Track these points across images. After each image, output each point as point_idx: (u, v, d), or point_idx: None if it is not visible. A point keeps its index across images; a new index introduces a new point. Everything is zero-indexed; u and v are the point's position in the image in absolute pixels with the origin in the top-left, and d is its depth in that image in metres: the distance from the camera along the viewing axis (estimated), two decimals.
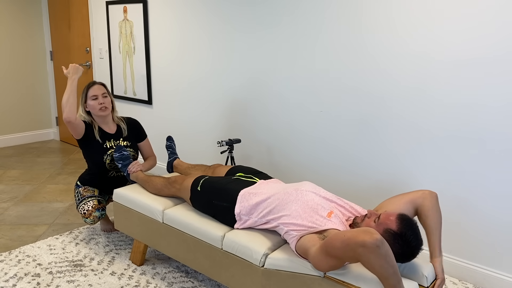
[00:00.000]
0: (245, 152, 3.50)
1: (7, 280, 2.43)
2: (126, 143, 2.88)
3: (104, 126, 2.84)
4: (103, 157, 2.78)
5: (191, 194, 2.32)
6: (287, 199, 1.98)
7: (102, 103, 2.75)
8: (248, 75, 3.34)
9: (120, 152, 2.78)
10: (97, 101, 2.75)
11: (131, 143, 2.91)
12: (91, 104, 2.75)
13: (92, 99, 2.75)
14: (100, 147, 2.78)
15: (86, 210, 2.73)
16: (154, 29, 3.99)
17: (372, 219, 1.79)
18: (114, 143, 2.82)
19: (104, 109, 2.77)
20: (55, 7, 5.13)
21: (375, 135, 2.74)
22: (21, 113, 5.33)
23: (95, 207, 2.73)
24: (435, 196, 1.94)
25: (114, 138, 2.85)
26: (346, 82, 2.80)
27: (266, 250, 1.95)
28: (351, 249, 1.53)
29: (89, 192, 2.81)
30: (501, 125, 2.28)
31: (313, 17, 2.88)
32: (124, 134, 2.89)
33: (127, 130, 2.92)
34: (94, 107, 2.75)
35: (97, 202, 2.76)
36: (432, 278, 1.78)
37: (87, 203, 2.75)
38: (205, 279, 2.50)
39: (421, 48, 2.47)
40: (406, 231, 1.69)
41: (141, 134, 3.01)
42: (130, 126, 2.96)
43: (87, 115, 2.82)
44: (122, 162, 2.76)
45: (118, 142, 2.85)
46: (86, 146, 2.79)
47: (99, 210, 2.74)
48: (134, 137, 2.96)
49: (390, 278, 1.53)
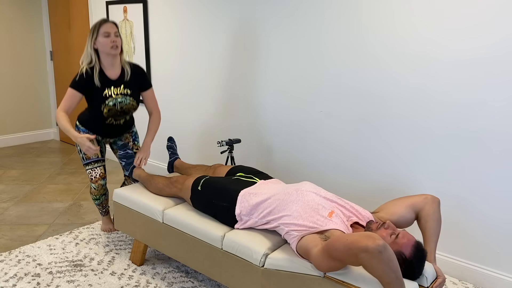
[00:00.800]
0: (245, 152, 3.50)
1: (7, 280, 2.43)
2: (126, 90, 2.73)
3: (108, 68, 2.69)
4: (101, 106, 2.66)
5: (192, 194, 2.33)
6: (288, 199, 1.98)
7: (114, 41, 2.61)
8: (248, 75, 3.34)
9: (124, 150, 2.76)
10: (109, 39, 2.60)
11: (132, 91, 2.75)
12: (102, 41, 2.60)
13: (104, 36, 2.59)
14: (99, 94, 2.65)
15: (93, 177, 2.82)
16: (154, 29, 3.99)
17: (388, 233, 1.75)
18: (114, 91, 2.68)
19: (115, 48, 2.62)
20: (55, 7, 5.13)
21: (375, 134, 2.74)
22: (21, 113, 5.33)
23: (102, 175, 2.82)
24: (437, 201, 1.94)
25: (114, 85, 2.69)
26: (347, 81, 2.80)
27: (266, 250, 1.95)
28: (353, 253, 1.52)
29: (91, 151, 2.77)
30: (501, 124, 2.28)
31: (314, 18, 2.88)
32: (126, 78, 2.74)
33: (130, 75, 2.75)
34: (106, 45, 2.60)
35: (103, 170, 2.83)
36: (432, 278, 1.78)
37: (95, 169, 2.81)
38: (205, 279, 2.50)
39: (422, 47, 2.47)
40: (415, 262, 1.69)
41: (145, 82, 2.84)
42: (135, 73, 2.80)
43: (94, 53, 2.65)
44: (126, 161, 2.76)
45: (118, 89, 2.69)
46: (86, 94, 2.70)
47: (103, 179, 2.84)
48: (137, 85, 2.80)
49: (392, 283, 1.53)
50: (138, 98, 2.81)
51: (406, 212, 1.94)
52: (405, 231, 1.76)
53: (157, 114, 2.91)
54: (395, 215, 1.96)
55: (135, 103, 2.78)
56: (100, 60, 2.68)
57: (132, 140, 2.99)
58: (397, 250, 1.69)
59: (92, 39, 2.64)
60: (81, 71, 2.64)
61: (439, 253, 2.62)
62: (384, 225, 1.78)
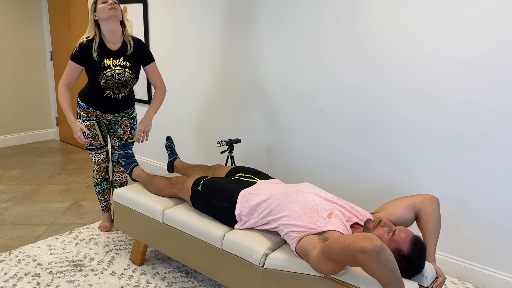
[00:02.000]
0: (245, 152, 3.50)
1: (7, 280, 2.43)
2: (125, 62, 2.71)
3: (109, 40, 2.68)
4: (99, 76, 2.65)
5: (192, 194, 2.33)
6: (287, 200, 1.98)
7: (112, 3, 2.59)
8: (248, 75, 3.34)
9: (124, 150, 2.76)
10: (107, 4, 2.59)
11: (131, 64, 2.73)
12: (100, 7, 2.60)
13: (102, 2, 2.60)
14: (98, 65, 2.65)
15: (97, 160, 2.89)
16: (154, 29, 3.99)
17: (385, 230, 1.75)
18: (113, 62, 2.66)
19: (114, 10, 2.59)
20: (55, 7, 5.13)
21: (375, 134, 2.74)
22: (21, 113, 5.33)
23: (104, 159, 2.90)
24: (436, 201, 1.94)
25: (114, 56, 2.68)
26: (346, 81, 2.81)
27: (266, 250, 1.95)
28: (351, 255, 1.53)
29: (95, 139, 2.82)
30: (501, 125, 2.28)
31: (313, 17, 2.88)
32: (127, 51, 2.72)
33: (133, 49, 2.75)
34: (104, 10, 2.58)
35: (105, 155, 2.90)
36: (432, 278, 1.78)
37: (98, 154, 2.87)
38: (205, 279, 2.50)
39: (422, 48, 2.47)
40: (415, 258, 1.68)
41: (146, 56, 2.82)
42: (137, 47, 2.78)
43: (95, 24, 2.65)
44: (126, 160, 2.76)
45: (117, 61, 2.68)
46: (86, 66, 2.70)
47: (105, 162, 2.92)
48: (138, 58, 2.79)
49: (391, 283, 1.53)
50: (137, 72, 2.77)
51: (405, 212, 1.94)
52: (402, 227, 1.75)
53: (161, 87, 2.89)
54: (395, 215, 1.96)
55: (133, 77, 2.75)
56: (101, 31, 2.67)
57: (130, 128, 2.97)
58: (395, 247, 1.69)
59: (92, 11, 2.64)
60: (81, 42, 2.63)
61: (439, 253, 2.62)
62: (380, 223, 1.78)
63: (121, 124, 2.93)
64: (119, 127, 2.94)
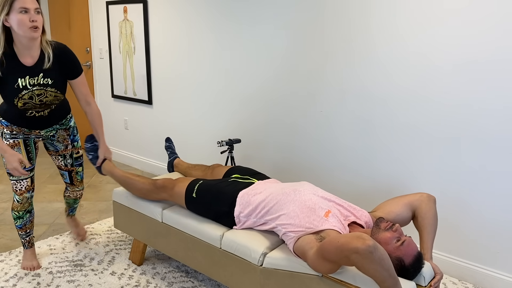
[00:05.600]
0: (245, 152, 3.50)
1: (7, 280, 2.44)
2: (46, 80, 2.17)
3: (23, 53, 2.12)
4: (14, 99, 2.14)
5: (186, 200, 2.29)
6: (285, 199, 1.98)
7: (34, 20, 2.02)
8: (248, 75, 3.34)
9: (91, 142, 2.47)
10: (28, 16, 2.01)
11: (53, 81, 2.19)
12: (18, 19, 2.00)
13: (20, 12, 2.00)
14: (11, 86, 2.11)
15: (19, 189, 2.38)
16: (154, 29, 3.99)
17: (394, 236, 1.70)
18: (29, 82, 2.13)
19: (35, 30, 2.04)
20: (55, 7, 5.14)
21: (374, 135, 2.75)
22: None
23: (28, 188, 2.40)
24: (433, 199, 1.95)
25: (30, 74, 2.13)
26: (347, 82, 2.81)
27: (265, 249, 1.96)
28: (345, 255, 1.54)
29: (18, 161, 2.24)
30: (500, 127, 2.28)
31: (314, 18, 2.88)
32: (46, 65, 2.16)
33: (52, 61, 2.18)
34: (23, 24, 2.00)
35: (30, 183, 2.39)
36: (429, 278, 1.78)
37: (21, 181, 2.36)
38: (205, 278, 2.50)
39: (422, 50, 2.47)
40: (413, 271, 1.69)
41: (73, 67, 2.26)
42: (59, 57, 2.21)
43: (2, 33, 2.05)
44: (93, 154, 2.54)
45: (35, 79, 2.15)
46: None
47: (29, 191, 2.41)
48: (62, 71, 2.23)
49: (386, 281, 1.54)
50: (63, 87, 2.26)
51: (402, 211, 1.94)
52: (411, 239, 1.72)
53: (94, 105, 2.40)
54: (392, 214, 1.97)
55: (59, 94, 2.25)
56: (14, 41, 2.10)
57: (71, 140, 2.50)
58: (398, 256, 1.68)
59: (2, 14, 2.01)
60: None
61: (439, 253, 2.62)
62: (393, 227, 1.73)
63: (58, 138, 2.47)
64: (58, 142, 2.48)
